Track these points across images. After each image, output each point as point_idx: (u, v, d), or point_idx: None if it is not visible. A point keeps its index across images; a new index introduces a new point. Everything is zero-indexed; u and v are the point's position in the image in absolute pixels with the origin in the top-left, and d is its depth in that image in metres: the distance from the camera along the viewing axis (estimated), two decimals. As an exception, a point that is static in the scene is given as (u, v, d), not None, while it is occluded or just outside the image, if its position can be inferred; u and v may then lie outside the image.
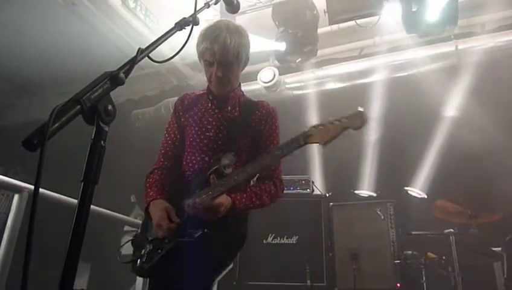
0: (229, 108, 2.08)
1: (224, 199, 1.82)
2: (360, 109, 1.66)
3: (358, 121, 1.64)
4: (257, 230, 3.92)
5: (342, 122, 1.66)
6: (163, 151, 2.13)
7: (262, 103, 2.14)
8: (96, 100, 0.97)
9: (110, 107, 1.00)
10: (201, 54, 2.00)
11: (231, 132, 2.03)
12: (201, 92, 2.17)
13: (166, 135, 2.15)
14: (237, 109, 2.08)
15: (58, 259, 0.94)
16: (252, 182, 2.05)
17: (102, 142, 0.98)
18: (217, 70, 1.97)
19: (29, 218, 0.82)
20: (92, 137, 0.97)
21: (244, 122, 2.05)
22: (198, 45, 2.00)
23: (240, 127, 2.03)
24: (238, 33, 1.97)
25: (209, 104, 2.10)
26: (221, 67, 1.97)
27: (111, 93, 1.02)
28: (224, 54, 1.93)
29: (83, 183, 0.95)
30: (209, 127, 2.04)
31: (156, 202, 1.92)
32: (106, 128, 0.99)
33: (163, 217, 1.82)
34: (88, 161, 0.95)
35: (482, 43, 4.71)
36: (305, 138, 1.72)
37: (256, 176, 2.02)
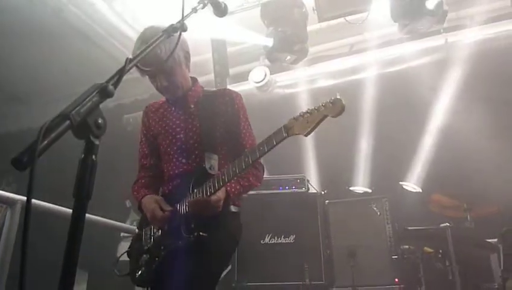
0: (192, 106, 2.10)
1: (221, 193, 1.85)
2: (338, 96, 1.65)
3: (336, 107, 1.63)
4: (254, 231, 3.90)
5: (320, 110, 1.66)
6: (140, 164, 2.20)
7: (223, 91, 2.19)
8: (85, 114, 0.94)
9: (100, 120, 0.98)
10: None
11: (201, 128, 2.03)
12: (163, 100, 2.23)
13: (140, 149, 2.22)
14: (199, 104, 2.10)
15: (55, 270, 0.92)
16: None
17: (93, 156, 0.96)
18: (160, 80, 2.00)
19: (22, 235, 0.80)
20: (83, 152, 0.95)
21: (211, 114, 2.05)
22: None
23: (207, 121, 2.04)
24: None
25: (172, 109, 2.14)
26: (162, 75, 1.99)
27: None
28: (161, 63, 1.87)
29: (75, 199, 0.93)
30: (178, 129, 2.07)
31: (146, 197, 2.00)
32: (97, 142, 0.97)
33: (156, 208, 1.90)
34: (79, 176, 0.93)
35: (472, 36, 4.73)
36: (287, 131, 1.71)
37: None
